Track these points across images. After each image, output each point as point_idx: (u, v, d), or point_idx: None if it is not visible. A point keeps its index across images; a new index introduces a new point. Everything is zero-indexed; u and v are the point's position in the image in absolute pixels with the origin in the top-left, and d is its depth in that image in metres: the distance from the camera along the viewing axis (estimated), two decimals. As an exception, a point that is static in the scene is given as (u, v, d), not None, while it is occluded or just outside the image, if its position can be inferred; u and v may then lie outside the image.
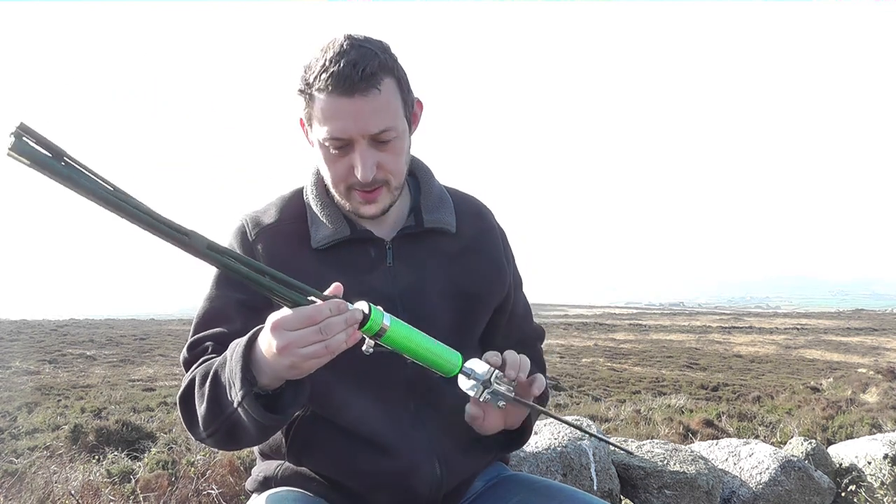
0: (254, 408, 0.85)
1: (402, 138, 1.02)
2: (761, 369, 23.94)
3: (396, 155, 1.02)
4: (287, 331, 0.80)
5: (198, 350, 1.03)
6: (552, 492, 1.11)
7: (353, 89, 0.94)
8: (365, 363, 1.06)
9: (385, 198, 1.04)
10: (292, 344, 0.80)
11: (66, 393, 11.64)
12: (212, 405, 0.91)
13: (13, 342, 24.86)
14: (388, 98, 0.98)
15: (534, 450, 2.41)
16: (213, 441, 0.96)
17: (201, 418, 0.94)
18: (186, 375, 1.00)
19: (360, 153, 0.98)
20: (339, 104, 0.95)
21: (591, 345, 33.78)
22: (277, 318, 0.82)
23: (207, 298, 1.08)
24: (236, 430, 0.91)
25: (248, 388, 0.85)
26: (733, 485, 2.76)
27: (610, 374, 20.09)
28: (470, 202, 1.23)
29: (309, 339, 0.80)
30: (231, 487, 2.39)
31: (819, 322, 60.67)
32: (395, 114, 0.99)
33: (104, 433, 4.62)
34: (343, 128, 0.96)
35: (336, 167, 1.01)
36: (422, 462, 1.07)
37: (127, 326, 39.86)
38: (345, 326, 0.81)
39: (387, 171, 1.01)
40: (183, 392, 0.99)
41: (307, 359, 0.81)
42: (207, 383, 0.92)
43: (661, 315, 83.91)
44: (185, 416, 0.98)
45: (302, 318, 0.80)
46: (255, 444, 0.99)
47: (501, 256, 1.20)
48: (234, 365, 0.87)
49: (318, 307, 0.80)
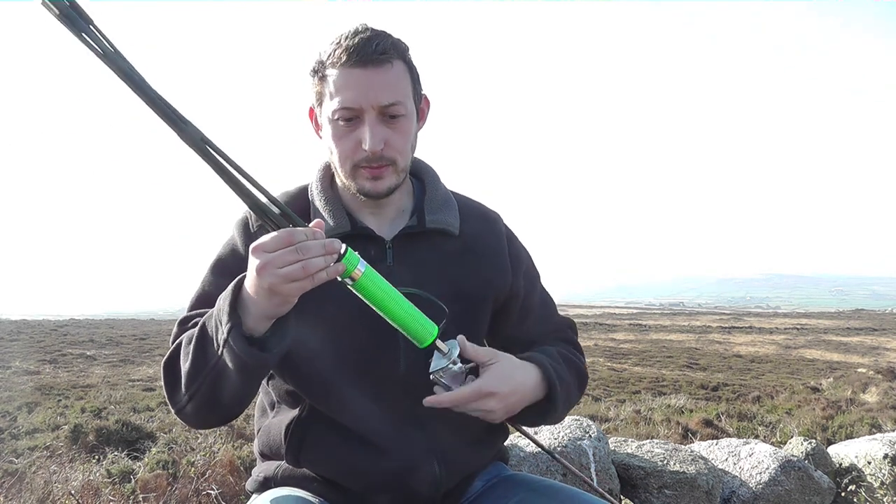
0: (239, 343, 0.85)
1: (409, 119, 1.03)
2: (761, 369, 23.94)
3: (404, 135, 1.03)
4: (265, 252, 0.82)
5: (187, 326, 1.03)
6: (553, 492, 1.11)
7: (366, 60, 0.97)
8: (364, 363, 1.07)
9: (391, 177, 1.05)
10: (270, 264, 0.81)
11: (66, 393, 11.64)
12: (197, 358, 0.91)
13: (13, 342, 24.86)
14: (399, 75, 1.01)
15: (534, 450, 2.41)
16: (193, 406, 0.95)
17: (184, 376, 0.93)
18: (173, 344, 1.00)
19: (369, 125, 0.99)
20: (352, 74, 0.98)
21: (591, 345, 33.77)
22: (257, 242, 0.83)
23: (202, 283, 1.09)
24: (219, 383, 0.90)
25: (235, 322, 0.85)
26: (733, 485, 2.76)
27: (610, 374, 20.08)
28: (476, 207, 1.24)
29: (286, 259, 0.81)
30: (231, 487, 2.39)
31: (819, 322, 60.69)
32: (404, 92, 1.02)
33: (104, 433, 4.63)
34: (354, 97, 0.98)
35: (344, 143, 1.02)
36: (421, 462, 1.07)
37: (127, 326, 39.86)
38: (322, 251, 0.82)
39: (394, 149, 1.02)
40: (168, 357, 0.98)
41: (285, 279, 0.81)
42: (194, 338, 0.92)
43: (661, 315, 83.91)
44: (168, 381, 0.97)
45: (279, 239, 0.82)
46: (236, 403, 0.97)
47: (505, 259, 1.20)
48: (222, 304, 0.88)
49: (294, 230, 0.83)
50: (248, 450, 2.78)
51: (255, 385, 0.96)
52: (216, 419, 1.00)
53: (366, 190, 1.05)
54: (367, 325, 0.90)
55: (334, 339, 1.05)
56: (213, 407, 0.95)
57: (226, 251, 1.11)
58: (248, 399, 0.98)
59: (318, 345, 1.04)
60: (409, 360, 1.07)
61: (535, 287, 1.26)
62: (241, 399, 0.96)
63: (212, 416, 0.99)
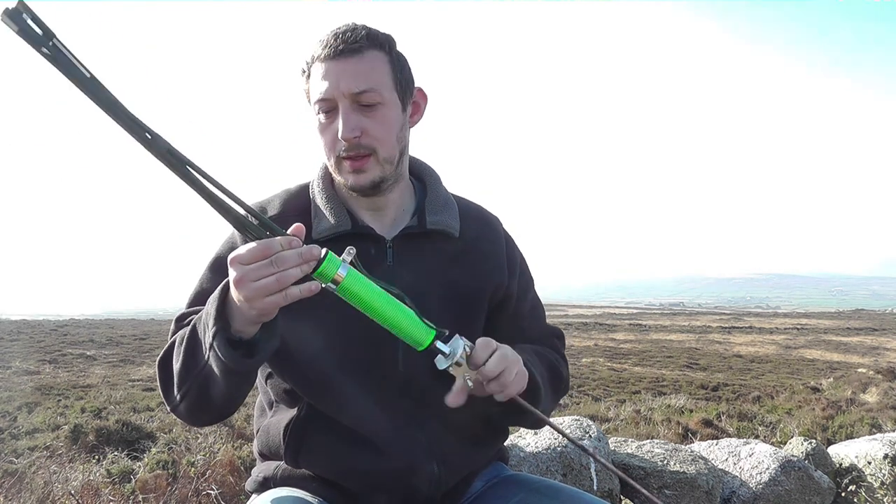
0: (223, 349, 0.84)
1: (388, 107, 1.03)
2: (761, 369, 23.94)
3: (383, 124, 1.02)
4: (241, 264, 0.81)
5: (184, 323, 1.03)
6: (553, 492, 1.11)
7: (337, 52, 1.00)
8: (363, 362, 1.06)
9: (374, 168, 1.04)
10: (245, 277, 0.80)
11: (66, 393, 11.64)
12: (187, 359, 0.91)
13: (13, 342, 24.87)
14: (372, 64, 1.01)
15: (534, 450, 2.41)
16: (186, 405, 0.95)
17: (176, 375, 0.94)
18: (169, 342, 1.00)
19: (342, 113, 1.00)
20: (325, 67, 1.00)
21: (591, 345, 33.78)
22: (234, 253, 0.82)
23: (200, 280, 1.10)
24: (208, 385, 0.90)
25: (220, 327, 0.85)
26: (733, 485, 2.75)
27: (610, 374, 20.08)
28: (475, 209, 1.24)
29: (261, 273, 0.80)
30: (231, 487, 2.39)
31: (819, 322, 60.70)
32: (379, 81, 1.01)
33: (104, 433, 4.63)
34: (327, 88, 1.00)
35: (325, 135, 1.04)
36: (420, 462, 1.07)
37: (127, 326, 39.86)
38: (298, 261, 0.81)
39: (372, 137, 1.02)
40: (162, 355, 0.99)
41: (260, 292, 0.80)
42: (185, 338, 0.92)
43: (661, 315, 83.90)
44: (162, 380, 0.98)
45: (255, 252, 0.80)
46: (226, 405, 0.97)
47: (503, 262, 1.20)
48: (210, 308, 0.88)
49: (270, 241, 0.81)
50: (248, 450, 2.78)
51: (245, 387, 0.96)
52: (209, 418, 1.01)
53: (350, 183, 1.05)
54: (366, 323, 0.90)
55: (333, 338, 1.05)
56: (204, 407, 0.96)
57: (225, 249, 1.11)
58: (239, 399, 0.98)
59: (317, 343, 1.04)
60: (409, 359, 1.06)
61: (527, 293, 1.26)
62: (232, 400, 0.96)
63: (204, 415, 1.00)
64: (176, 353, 0.95)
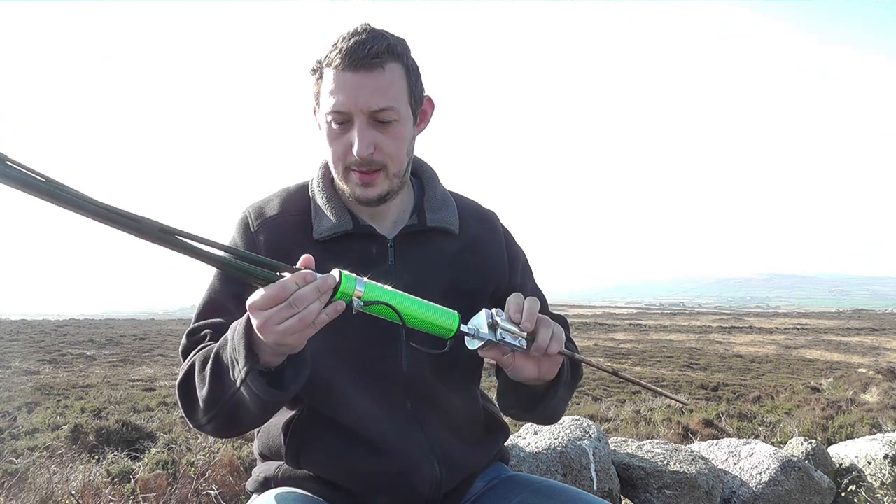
0: (257, 384, 0.85)
1: (402, 124, 1.03)
2: (761, 369, 23.93)
3: (396, 140, 1.02)
4: (260, 311, 0.81)
5: (196, 338, 1.03)
6: (554, 492, 1.11)
7: (357, 65, 0.97)
8: (365, 362, 1.06)
9: (383, 183, 1.04)
10: (268, 322, 0.80)
11: (66, 393, 11.64)
12: (213, 387, 0.91)
13: (13, 342, 24.86)
14: (392, 79, 1.00)
15: (534, 450, 2.41)
16: (213, 426, 0.96)
17: (202, 402, 0.93)
18: (185, 362, 1.00)
19: (358, 129, 0.99)
20: (344, 78, 0.98)
21: (591, 345, 33.76)
22: (250, 300, 0.82)
23: (208, 290, 1.09)
24: (238, 411, 0.91)
25: (252, 365, 0.85)
26: (733, 485, 2.75)
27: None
28: (473, 206, 1.24)
29: (281, 316, 0.80)
30: (231, 487, 2.39)
31: (819, 322, 60.67)
32: (397, 97, 1.01)
33: (104, 433, 4.63)
34: (344, 101, 0.98)
35: (336, 145, 1.03)
36: (421, 462, 1.07)
37: (127, 326, 39.85)
38: (317, 296, 0.80)
39: (385, 154, 1.02)
40: (182, 378, 0.98)
41: (286, 334, 0.80)
42: (209, 366, 0.92)
43: (661, 315, 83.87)
44: (185, 402, 0.98)
45: (269, 297, 0.80)
46: (255, 425, 1.00)
47: (503, 257, 1.21)
48: (237, 343, 0.87)
49: (284, 283, 0.80)
50: (248, 450, 2.78)
51: (277, 409, 0.97)
52: (237, 434, 1.02)
53: (356, 195, 1.05)
54: (369, 323, 0.90)
55: (335, 338, 1.05)
56: (232, 429, 0.97)
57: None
58: (268, 419, 0.99)
59: (318, 343, 1.04)
60: (411, 359, 1.06)
61: (528, 286, 1.26)
62: (261, 421, 0.98)
63: (232, 433, 1.01)
64: (199, 378, 0.94)
